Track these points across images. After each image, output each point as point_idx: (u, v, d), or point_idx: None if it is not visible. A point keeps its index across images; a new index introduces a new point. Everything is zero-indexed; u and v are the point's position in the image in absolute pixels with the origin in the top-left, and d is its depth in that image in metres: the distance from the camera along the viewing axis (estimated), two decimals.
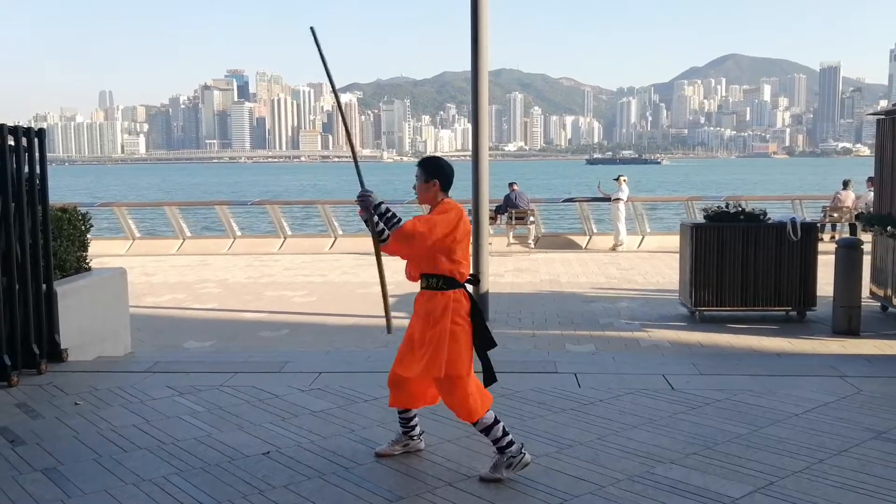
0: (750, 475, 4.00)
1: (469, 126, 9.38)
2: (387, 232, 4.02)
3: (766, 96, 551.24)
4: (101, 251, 14.53)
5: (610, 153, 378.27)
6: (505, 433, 3.99)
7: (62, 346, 6.44)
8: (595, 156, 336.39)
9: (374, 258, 4.18)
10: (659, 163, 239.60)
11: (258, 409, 5.21)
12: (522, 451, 3.98)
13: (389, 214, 3.99)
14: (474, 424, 4.02)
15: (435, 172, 4.03)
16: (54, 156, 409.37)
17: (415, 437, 4.36)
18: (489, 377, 4.01)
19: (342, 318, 9.35)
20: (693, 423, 4.84)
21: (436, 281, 3.98)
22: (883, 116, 9.37)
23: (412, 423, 4.33)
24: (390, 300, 4.28)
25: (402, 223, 3.91)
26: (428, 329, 3.96)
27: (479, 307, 4.10)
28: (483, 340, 4.00)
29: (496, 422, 4.00)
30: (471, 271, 4.13)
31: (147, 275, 13.66)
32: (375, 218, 4.00)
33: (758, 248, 8.82)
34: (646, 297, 10.81)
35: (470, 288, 4.11)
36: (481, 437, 4.27)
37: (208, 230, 21.32)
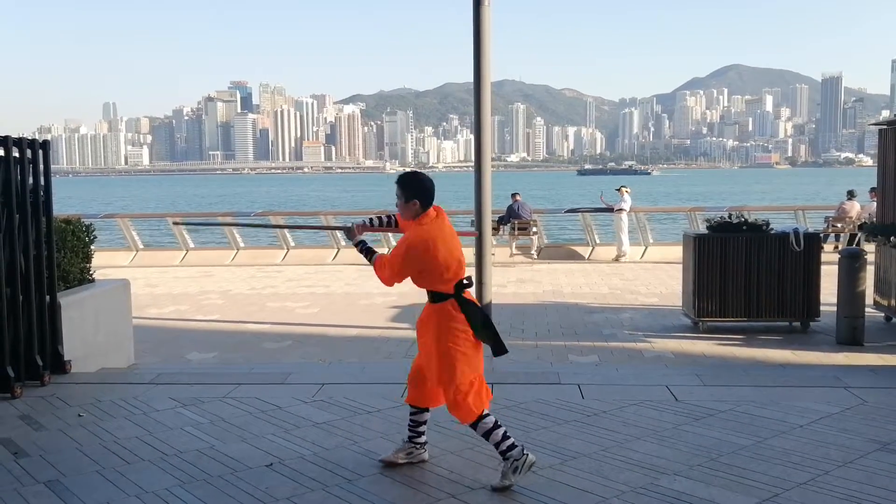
0: (754, 487, 3.98)
1: (471, 137, 9.39)
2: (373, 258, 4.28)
3: (769, 107, 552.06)
4: (105, 262, 14.54)
5: (612, 164, 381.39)
6: (505, 437, 4.00)
7: (65, 358, 6.44)
8: (586, 167, 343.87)
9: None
10: (649, 173, 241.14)
11: (261, 420, 5.20)
12: (525, 452, 3.99)
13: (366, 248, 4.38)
14: (474, 428, 4.04)
15: (415, 193, 4.07)
16: (58, 167, 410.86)
17: (418, 446, 4.36)
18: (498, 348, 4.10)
19: (345, 329, 9.33)
20: (697, 434, 4.82)
21: (430, 294, 4.12)
22: (885, 127, 9.37)
23: (421, 428, 4.33)
24: (394, 311, 4.32)
25: (373, 258, 4.23)
26: (421, 338, 4.18)
27: (476, 314, 4.06)
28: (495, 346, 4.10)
29: (496, 426, 4.01)
30: (463, 276, 4.10)
31: (150, 286, 13.68)
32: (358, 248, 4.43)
33: (761, 259, 8.81)
34: (649, 307, 10.79)
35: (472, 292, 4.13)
36: (484, 448, 4.27)
37: (211, 242, 21.35)
